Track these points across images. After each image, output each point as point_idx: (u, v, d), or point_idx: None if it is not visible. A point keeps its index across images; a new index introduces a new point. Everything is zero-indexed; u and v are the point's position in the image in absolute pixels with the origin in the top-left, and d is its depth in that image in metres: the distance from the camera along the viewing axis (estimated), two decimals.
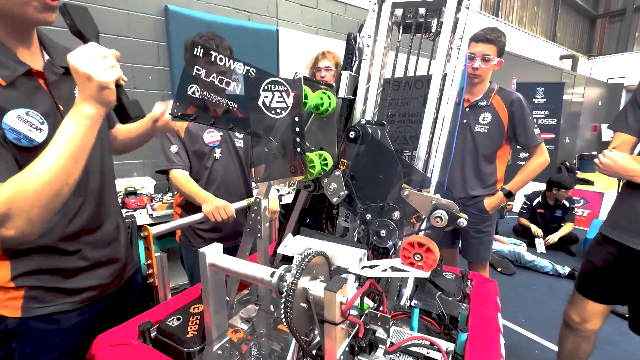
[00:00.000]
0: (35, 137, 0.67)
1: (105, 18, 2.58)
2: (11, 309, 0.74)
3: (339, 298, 0.56)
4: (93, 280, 0.83)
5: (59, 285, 0.77)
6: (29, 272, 0.74)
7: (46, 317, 0.76)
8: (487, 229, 1.81)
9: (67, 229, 0.76)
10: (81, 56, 0.61)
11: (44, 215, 0.62)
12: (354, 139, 0.76)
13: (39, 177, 0.59)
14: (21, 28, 0.69)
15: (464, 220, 0.64)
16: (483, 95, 1.72)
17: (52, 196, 0.61)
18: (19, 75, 0.67)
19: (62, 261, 0.77)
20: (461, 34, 0.83)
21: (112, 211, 0.88)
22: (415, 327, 0.92)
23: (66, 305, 0.79)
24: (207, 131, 1.50)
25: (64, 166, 0.61)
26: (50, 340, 0.78)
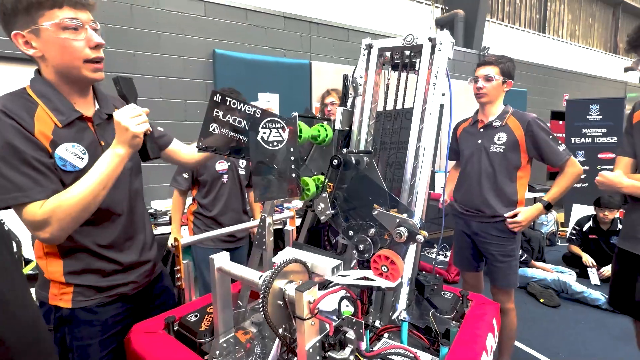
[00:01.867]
0: (77, 164, 0.88)
1: (166, 63, 3.08)
2: (64, 302, 0.93)
3: (307, 297, 0.68)
4: (125, 279, 1.01)
5: (98, 284, 0.95)
6: (76, 272, 0.93)
7: (89, 309, 0.95)
8: (512, 252, 1.76)
9: (105, 240, 0.96)
10: (123, 114, 0.85)
11: (72, 224, 0.82)
12: (336, 165, 0.89)
13: (74, 196, 0.80)
14: (79, 84, 0.91)
15: (421, 237, 0.73)
16: (497, 116, 1.74)
17: (81, 211, 0.81)
18: (73, 119, 0.89)
19: (101, 264, 0.95)
20: (436, 72, 0.94)
21: (141, 224, 1.08)
22: (405, 340, 0.98)
23: (104, 299, 0.97)
24: (219, 161, 1.93)
25: (94, 190, 0.82)
26: (92, 328, 0.95)
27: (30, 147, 0.81)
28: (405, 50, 1.04)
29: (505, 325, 1.79)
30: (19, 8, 0.79)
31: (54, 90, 0.88)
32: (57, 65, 0.86)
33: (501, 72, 1.68)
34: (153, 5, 3.00)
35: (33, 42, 0.83)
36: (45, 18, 0.80)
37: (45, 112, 0.85)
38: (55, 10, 0.80)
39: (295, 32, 3.66)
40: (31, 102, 0.86)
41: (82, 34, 0.84)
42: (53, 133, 0.85)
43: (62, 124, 0.87)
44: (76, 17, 0.83)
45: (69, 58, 0.84)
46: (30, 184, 0.79)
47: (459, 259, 1.90)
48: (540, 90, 6.21)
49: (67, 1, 0.81)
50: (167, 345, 0.91)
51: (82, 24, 0.84)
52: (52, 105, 0.87)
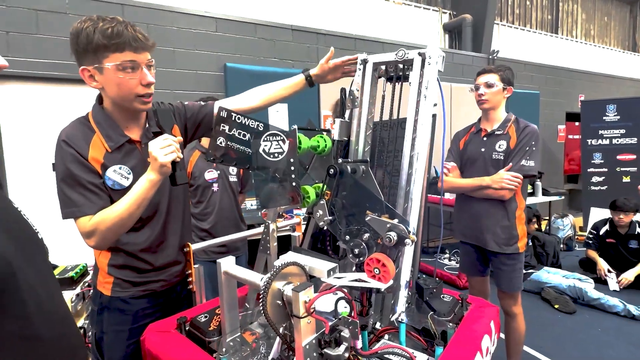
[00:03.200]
0: (123, 183, 1.02)
1: (180, 78, 3.24)
2: (106, 289, 1.08)
3: (303, 297, 0.74)
4: (157, 277, 1.13)
5: (133, 279, 1.09)
6: (117, 265, 1.07)
7: (123, 300, 1.08)
8: (516, 256, 1.75)
9: (141, 245, 1.09)
10: (155, 144, 0.93)
11: (112, 236, 0.98)
12: (333, 174, 0.95)
13: (114, 213, 0.95)
14: (129, 112, 1.04)
15: (410, 240, 0.78)
16: (500, 124, 1.77)
17: (120, 226, 0.96)
18: (121, 144, 1.02)
19: (137, 262, 1.09)
20: (426, 84, 0.99)
21: (176, 228, 1.17)
22: (403, 341, 1.02)
23: (137, 292, 1.10)
24: (208, 170, 1.97)
25: (130, 209, 0.95)
26: (125, 316, 1.09)
27: (84, 172, 0.97)
28: (399, 64, 1.10)
29: (513, 330, 1.78)
30: (89, 49, 0.91)
31: (108, 118, 1.03)
32: (113, 97, 1.00)
33: (501, 79, 1.72)
34: (168, 23, 3.17)
35: (96, 76, 0.96)
36: (109, 60, 0.92)
37: (99, 139, 1.00)
38: (117, 54, 0.92)
39: (303, 44, 3.77)
40: (90, 129, 1.01)
41: (138, 74, 0.96)
42: (104, 157, 1.00)
43: (112, 149, 1.01)
44: (134, 60, 0.94)
45: (123, 93, 0.98)
46: (83, 201, 0.96)
47: (464, 264, 1.91)
48: (554, 92, 6.11)
49: (129, 46, 0.92)
50: (178, 344, 0.98)
51: (138, 65, 0.96)
52: (105, 132, 1.01)
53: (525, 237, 1.72)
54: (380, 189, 1.15)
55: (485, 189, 1.69)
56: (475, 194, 1.75)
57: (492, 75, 1.72)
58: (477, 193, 1.74)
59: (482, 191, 1.71)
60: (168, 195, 1.15)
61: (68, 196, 0.96)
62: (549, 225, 4.55)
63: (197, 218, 2.00)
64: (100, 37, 0.89)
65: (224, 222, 1.98)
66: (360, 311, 1.16)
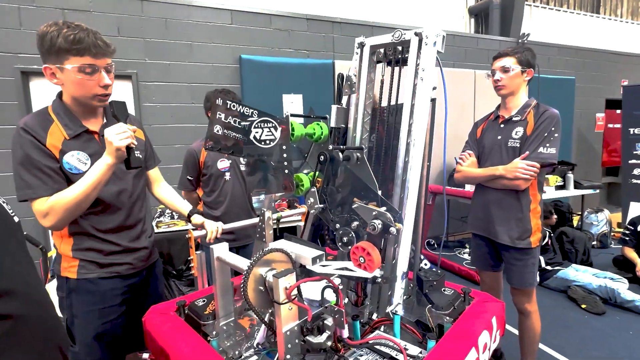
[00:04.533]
0: (81, 167, 1.09)
1: (197, 71, 3.30)
2: (71, 273, 1.14)
3: (283, 283, 0.74)
4: (122, 260, 1.19)
5: (98, 261, 1.15)
6: (81, 249, 1.14)
7: (91, 281, 1.14)
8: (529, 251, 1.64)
9: (106, 226, 1.16)
10: (110, 130, 1.02)
11: (68, 216, 1.04)
12: (323, 161, 0.93)
13: (71, 194, 1.02)
14: (87, 107, 1.12)
15: (394, 229, 0.74)
16: (518, 110, 1.65)
17: (75, 206, 1.03)
18: (79, 132, 1.10)
19: (101, 245, 1.15)
20: (424, 65, 0.94)
21: (140, 217, 1.26)
22: (397, 333, 0.99)
23: (103, 274, 1.16)
24: (220, 159, 2.00)
25: (85, 191, 1.02)
26: (93, 297, 1.15)
27: (41, 156, 1.03)
28: (397, 46, 1.05)
29: (527, 328, 1.69)
30: (52, 51, 1.01)
31: (67, 110, 1.11)
32: (72, 94, 1.09)
33: (519, 61, 1.59)
34: (185, 17, 3.24)
35: (57, 74, 1.04)
36: (69, 62, 1.01)
37: (57, 127, 1.08)
38: (78, 57, 1.01)
39: (318, 33, 3.72)
40: (48, 119, 1.08)
41: (96, 76, 1.05)
42: (62, 144, 1.07)
43: (70, 136, 1.09)
44: (93, 64, 1.03)
45: (81, 92, 1.07)
46: (38, 184, 1.02)
47: (475, 257, 1.83)
48: (592, 77, 5.64)
49: (88, 52, 1.01)
50: (174, 326, 1.01)
51: (97, 69, 1.05)
52: (63, 122, 1.09)
53: (539, 231, 1.61)
54: (378, 178, 1.12)
55: (499, 179, 1.60)
56: (490, 184, 1.66)
57: (509, 58, 1.60)
58: (492, 183, 1.64)
59: (496, 181, 1.62)
60: (132, 183, 1.23)
61: (24, 179, 1.02)
62: (581, 221, 4.25)
63: (209, 206, 2.05)
64: (62, 42, 0.98)
65: (236, 210, 2.02)
66: (355, 301, 1.14)
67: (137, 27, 3.10)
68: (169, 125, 3.26)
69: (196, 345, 0.90)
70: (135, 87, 3.13)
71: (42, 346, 0.64)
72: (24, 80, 2.84)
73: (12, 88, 2.78)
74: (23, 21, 2.78)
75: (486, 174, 1.64)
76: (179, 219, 2.74)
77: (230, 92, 2.00)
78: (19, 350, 0.59)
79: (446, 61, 4.43)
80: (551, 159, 1.52)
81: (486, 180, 1.66)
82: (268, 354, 0.91)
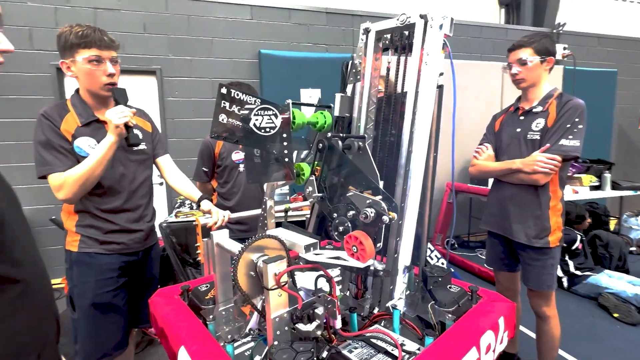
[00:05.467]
0: (89, 151, 1.23)
1: (218, 66, 3.38)
2: (73, 246, 1.28)
3: (272, 269, 0.73)
4: (119, 239, 1.31)
5: (97, 237, 1.28)
6: (84, 225, 1.28)
7: (89, 254, 1.27)
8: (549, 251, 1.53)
9: (107, 207, 1.29)
10: (110, 111, 1.18)
11: (78, 190, 1.18)
12: (321, 149, 0.91)
13: (79, 170, 1.17)
14: (98, 98, 1.29)
15: (387, 217, 0.72)
16: (539, 101, 1.54)
17: (85, 179, 1.17)
18: (90, 121, 1.26)
19: (102, 223, 1.28)
20: (429, 49, 0.90)
21: (141, 202, 1.38)
22: (396, 328, 0.97)
23: (100, 250, 1.28)
24: (235, 151, 2.03)
25: (92, 166, 1.16)
26: (90, 269, 1.28)
27: (57, 138, 1.21)
28: (403, 31, 1.01)
29: (544, 333, 1.59)
30: (66, 46, 1.20)
31: (82, 102, 1.29)
32: (84, 84, 1.26)
33: (536, 51, 1.48)
34: (207, 14, 3.31)
35: (72, 67, 1.22)
36: (80, 54, 1.20)
37: (72, 116, 1.26)
38: (86, 50, 1.19)
39: (338, 27, 3.68)
40: (65, 109, 1.26)
41: (102, 67, 1.22)
42: (75, 130, 1.24)
43: (82, 123, 1.26)
44: (99, 55, 1.21)
45: (91, 82, 1.24)
46: (54, 161, 1.19)
47: (490, 256, 1.73)
48: (637, 69, 5.19)
49: (95, 45, 1.19)
50: (176, 308, 1.04)
51: (103, 60, 1.22)
52: (77, 111, 1.27)
53: (559, 230, 1.50)
54: (382, 169, 1.08)
55: (516, 173, 1.50)
56: (506, 178, 1.56)
57: (525, 50, 1.49)
58: (508, 177, 1.55)
59: (513, 175, 1.52)
60: (133, 170, 1.35)
61: (43, 157, 1.18)
62: (619, 224, 3.94)
63: (223, 197, 2.09)
64: (73, 38, 1.18)
65: (249, 201, 2.06)
66: (355, 294, 1.12)
67: (161, 24, 3.21)
68: (190, 120, 3.37)
69: (193, 328, 0.92)
70: (160, 82, 3.26)
71: (42, 312, 0.68)
72: (59, 76, 3.03)
73: (49, 83, 2.97)
74: (59, 20, 2.96)
75: (502, 168, 1.55)
76: (197, 210, 2.83)
77: (243, 84, 2.03)
78: (25, 313, 0.64)
79: (472, 54, 4.25)
80: (574, 152, 1.40)
81: (502, 175, 1.57)
82: (264, 340, 0.91)
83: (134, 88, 3.25)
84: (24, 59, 2.87)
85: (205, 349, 0.81)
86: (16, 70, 2.88)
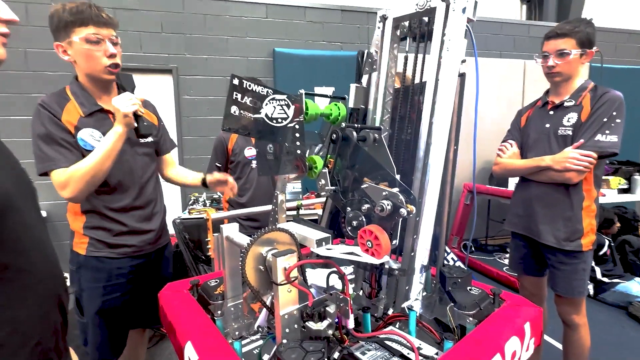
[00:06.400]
0: (94, 144, 1.12)
1: (233, 64, 3.39)
2: (81, 249, 1.19)
3: (282, 263, 0.70)
4: (129, 241, 1.23)
5: (106, 240, 1.19)
6: (92, 227, 1.18)
7: (97, 258, 1.19)
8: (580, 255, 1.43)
9: (117, 205, 1.20)
10: (117, 99, 1.07)
11: (85, 187, 1.06)
12: (334, 140, 0.87)
13: (85, 165, 1.05)
14: (101, 83, 1.17)
15: (405, 210, 0.67)
16: (571, 95, 1.44)
17: (92, 176, 1.05)
18: (94, 111, 1.15)
19: (111, 224, 1.19)
20: (450, 35, 0.84)
21: (151, 200, 1.29)
22: (412, 331, 0.91)
23: (111, 254, 1.20)
24: (247, 147, 2.01)
25: (100, 160, 1.05)
26: (99, 274, 1.20)
27: (57, 130, 1.09)
28: (423, 16, 0.95)
29: (573, 343, 1.49)
30: (60, 26, 1.07)
31: (83, 89, 1.16)
32: (84, 68, 1.13)
33: (579, 43, 1.37)
34: (222, 13, 3.34)
35: (68, 50, 1.10)
36: (76, 33, 1.07)
37: (74, 105, 1.14)
38: (82, 28, 1.06)
39: (353, 24, 3.63)
40: (65, 98, 1.14)
41: (102, 46, 1.09)
42: (78, 121, 1.12)
43: (85, 114, 1.14)
44: (98, 33, 1.08)
45: (91, 65, 1.11)
46: (57, 156, 1.07)
47: (514, 260, 1.64)
48: None
49: (92, 21, 1.06)
50: (184, 302, 1.02)
51: (102, 39, 1.09)
52: (79, 100, 1.15)
53: (593, 233, 1.39)
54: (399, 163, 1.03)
55: (545, 171, 1.41)
56: (534, 176, 1.47)
57: (567, 40, 1.37)
58: (536, 176, 1.46)
59: (542, 174, 1.43)
60: (142, 164, 1.26)
61: (44, 152, 1.06)
62: None
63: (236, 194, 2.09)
64: (67, 15, 1.05)
65: (261, 197, 2.04)
66: (369, 293, 1.07)
67: (178, 23, 3.25)
68: (205, 118, 3.39)
69: (201, 323, 0.89)
70: (176, 81, 3.30)
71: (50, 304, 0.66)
72: None
73: None
74: None
75: (529, 166, 1.46)
76: (210, 207, 2.84)
77: (257, 80, 2.03)
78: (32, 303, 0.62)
79: (491, 51, 4.11)
80: (611, 148, 1.30)
81: (529, 173, 1.48)
82: (273, 338, 0.88)
83: (151, 87, 3.30)
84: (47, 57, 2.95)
85: (212, 345, 0.78)
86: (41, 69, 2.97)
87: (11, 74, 2.88)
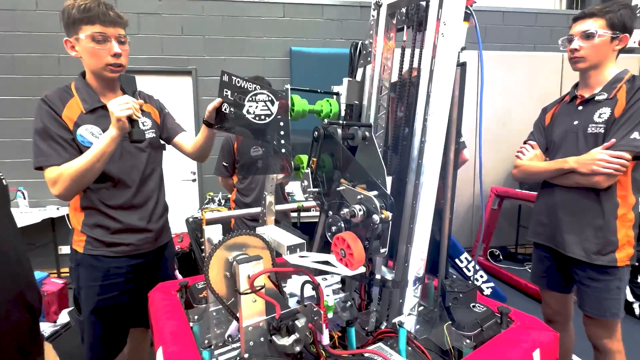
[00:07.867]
0: (93, 141, 1.12)
1: (250, 64, 3.41)
2: (79, 247, 1.19)
3: (246, 270, 0.64)
4: (127, 240, 1.21)
5: (104, 239, 1.18)
6: (89, 225, 1.18)
7: (95, 257, 1.18)
8: (612, 270, 1.22)
9: (115, 202, 1.18)
10: (113, 102, 1.04)
11: (73, 187, 1.06)
12: (316, 138, 0.81)
13: (75, 164, 1.04)
14: (104, 81, 1.17)
15: (378, 217, 0.58)
16: (604, 87, 1.26)
17: (81, 176, 1.05)
18: (96, 107, 1.15)
19: (109, 222, 1.18)
20: (446, 19, 0.74)
21: (151, 198, 1.27)
22: (402, 350, 0.82)
23: (108, 252, 1.19)
24: (253, 147, 1.96)
25: (90, 161, 1.04)
26: (96, 273, 1.19)
27: (55, 126, 1.09)
28: (420, 1, 0.86)
29: None
30: (69, 22, 1.09)
31: (87, 86, 1.17)
32: (88, 65, 1.14)
33: (609, 24, 1.20)
34: (240, 13, 3.36)
35: (76, 46, 1.12)
36: (83, 31, 1.08)
37: (76, 101, 1.14)
38: (89, 26, 1.08)
39: None
40: (69, 93, 1.15)
41: (107, 45, 1.10)
42: (78, 117, 1.12)
43: (86, 110, 1.14)
44: (104, 32, 1.08)
45: (94, 62, 1.12)
46: (51, 152, 1.07)
47: (535, 273, 1.46)
48: None
49: (98, 20, 1.07)
50: (169, 304, 1.00)
51: (108, 37, 1.09)
52: (82, 96, 1.15)
53: (630, 246, 1.20)
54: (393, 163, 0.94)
55: (570, 175, 1.24)
56: (558, 180, 1.30)
57: (595, 20, 1.21)
58: (561, 180, 1.29)
59: (567, 177, 1.27)
60: (144, 160, 1.24)
61: (39, 147, 1.08)
62: None
63: (241, 193, 2.08)
64: (75, 12, 1.06)
65: None
66: (359, 305, 0.99)
67: (198, 26, 3.32)
68: None
69: (177, 328, 0.86)
70: (195, 82, 3.37)
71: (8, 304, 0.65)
72: None
73: None
74: None
75: (551, 168, 1.30)
76: (224, 206, 2.86)
77: (259, 78, 2.00)
78: None
79: (523, 44, 3.82)
80: None
81: (552, 176, 1.32)
82: None
83: (171, 88, 3.40)
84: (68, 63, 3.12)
85: (181, 353, 0.75)
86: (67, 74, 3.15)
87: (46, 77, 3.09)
